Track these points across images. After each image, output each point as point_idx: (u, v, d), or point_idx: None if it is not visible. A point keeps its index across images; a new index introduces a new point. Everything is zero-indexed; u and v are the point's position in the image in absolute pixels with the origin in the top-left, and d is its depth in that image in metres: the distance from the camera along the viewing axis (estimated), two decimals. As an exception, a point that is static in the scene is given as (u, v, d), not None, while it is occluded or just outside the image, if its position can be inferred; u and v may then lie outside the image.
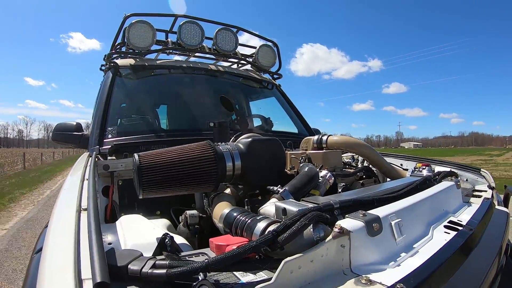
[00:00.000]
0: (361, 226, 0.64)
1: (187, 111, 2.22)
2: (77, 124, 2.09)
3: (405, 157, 1.95)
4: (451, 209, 1.06)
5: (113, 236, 0.78)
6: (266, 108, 2.64)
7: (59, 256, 0.54)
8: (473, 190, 1.44)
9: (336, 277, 0.59)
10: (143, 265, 0.55)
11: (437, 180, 1.17)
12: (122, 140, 1.70)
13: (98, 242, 0.53)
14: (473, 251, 0.83)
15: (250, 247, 0.56)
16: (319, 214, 0.63)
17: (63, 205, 0.83)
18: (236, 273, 0.60)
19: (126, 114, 2.10)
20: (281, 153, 1.29)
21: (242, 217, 0.82)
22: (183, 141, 1.25)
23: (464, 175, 1.57)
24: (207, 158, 1.03)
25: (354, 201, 0.77)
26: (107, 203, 1.34)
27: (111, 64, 2.11)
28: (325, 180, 1.21)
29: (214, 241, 0.73)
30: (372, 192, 0.99)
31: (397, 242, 0.71)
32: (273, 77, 2.78)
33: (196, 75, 2.38)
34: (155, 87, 2.32)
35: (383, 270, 0.62)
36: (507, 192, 1.48)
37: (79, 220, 0.66)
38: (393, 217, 0.73)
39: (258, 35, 2.72)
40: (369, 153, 1.60)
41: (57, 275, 0.48)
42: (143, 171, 0.95)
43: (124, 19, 2.14)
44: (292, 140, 1.96)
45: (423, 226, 0.86)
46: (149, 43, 2.16)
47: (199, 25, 2.31)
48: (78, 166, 1.25)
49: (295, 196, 1.02)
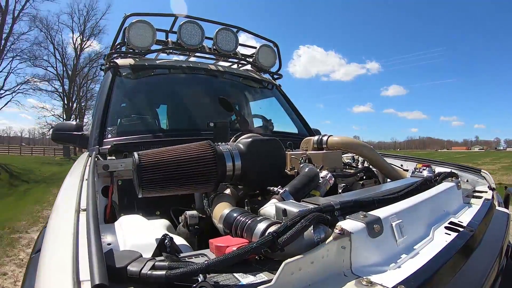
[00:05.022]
0: (361, 227, 0.63)
1: (187, 111, 2.22)
2: (77, 123, 2.09)
3: (405, 157, 1.95)
4: (452, 210, 1.06)
5: (112, 237, 0.77)
6: (266, 108, 2.64)
7: (57, 257, 0.53)
8: (473, 191, 1.44)
9: (336, 278, 0.58)
10: (143, 266, 0.54)
11: (437, 181, 1.16)
12: (122, 140, 1.69)
13: (97, 243, 0.53)
14: (474, 252, 0.83)
15: (251, 248, 0.55)
16: (319, 215, 0.63)
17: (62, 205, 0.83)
18: (236, 275, 0.59)
19: (126, 114, 2.09)
20: (281, 154, 1.28)
21: (242, 218, 0.82)
22: (183, 141, 1.25)
23: (465, 176, 1.56)
24: (207, 158, 1.03)
25: (354, 202, 0.77)
26: (107, 203, 1.34)
27: (111, 64, 2.11)
28: (326, 180, 1.20)
29: (214, 242, 0.73)
30: (373, 193, 0.99)
31: (397, 243, 0.70)
32: (273, 77, 2.77)
33: (196, 75, 2.37)
34: (155, 87, 2.32)
35: (384, 271, 0.61)
36: (508, 193, 1.48)
37: (78, 221, 0.66)
38: (394, 218, 0.72)
39: (258, 35, 2.72)
40: (370, 153, 1.59)
41: (55, 276, 0.48)
42: (143, 169, 0.95)
43: (124, 18, 2.14)
44: (292, 140, 1.96)
45: (424, 227, 0.85)
46: (149, 43, 2.15)
47: (199, 25, 2.31)
48: (78, 166, 1.25)
49: (296, 196, 1.02)
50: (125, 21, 2.15)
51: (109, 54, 2.21)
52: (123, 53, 2.29)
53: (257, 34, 2.70)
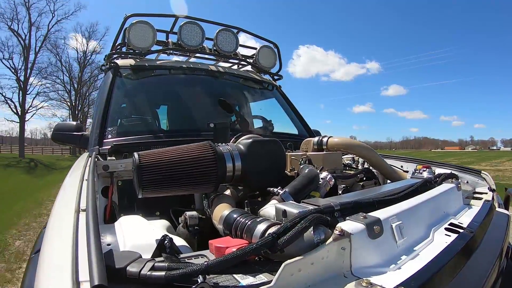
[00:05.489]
0: (362, 229, 0.63)
1: (187, 111, 2.22)
2: (77, 124, 2.09)
3: (405, 159, 1.95)
4: (452, 212, 1.06)
5: (112, 237, 0.77)
6: (267, 109, 2.64)
7: (57, 257, 0.53)
8: (473, 192, 1.44)
9: (336, 280, 0.58)
10: (142, 267, 0.54)
11: (437, 182, 1.17)
12: (122, 140, 1.69)
13: (96, 243, 0.53)
14: (474, 253, 0.83)
15: (250, 249, 0.55)
16: (319, 216, 0.63)
17: (62, 205, 0.83)
18: (236, 276, 0.59)
19: (126, 114, 2.09)
20: (282, 155, 1.28)
21: (242, 219, 0.82)
22: (183, 141, 1.25)
23: (465, 177, 1.56)
24: (207, 158, 1.03)
25: (354, 203, 0.77)
26: (107, 203, 1.34)
27: (111, 64, 2.11)
28: (326, 181, 1.20)
29: (213, 243, 0.73)
30: (373, 194, 0.99)
31: (398, 245, 0.70)
32: (273, 78, 2.77)
33: (197, 75, 2.37)
34: (155, 88, 2.32)
35: (384, 273, 0.61)
36: (508, 194, 1.48)
37: (77, 221, 0.65)
38: (394, 220, 0.72)
39: (258, 36, 2.72)
40: (370, 154, 1.59)
41: (54, 276, 0.48)
42: (143, 170, 0.95)
43: (124, 19, 2.14)
44: (293, 141, 1.96)
45: (424, 228, 0.85)
46: (149, 44, 2.15)
47: (199, 26, 2.31)
48: (78, 166, 1.25)
49: (295, 197, 1.02)
50: (126, 21, 2.15)
51: (110, 55, 2.21)
52: (123, 54, 2.29)
53: (258, 35, 2.70)
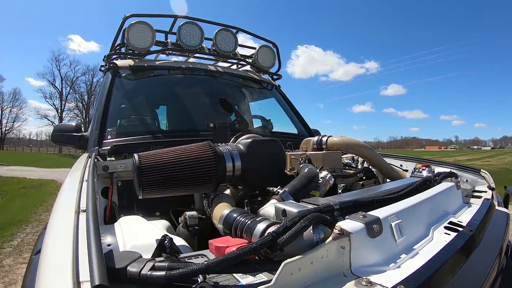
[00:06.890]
0: (361, 228, 0.63)
1: (186, 112, 2.22)
2: (77, 124, 2.08)
3: (405, 158, 1.95)
4: (451, 210, 1.06)
5: (112, 238, 0.77)
6: (266, 109, 2.64)
7: (57, 258, 0.53)
8: (473, 191, 1.44)
9: (336, 279, 0.58)
10: (142, 267, 0.54)
11: (437, 181, 1.17)
12: (122, 141, 1.69)
13: (96, 243, 0.53)
14: (474, 252, 0.83)
15: (250, 249, 0.55)
16: (319, 215, 0.63)
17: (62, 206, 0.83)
18: (236, 275, 0.59)
19: (126, 115, 2.09)
20: (281, 154, 1.28)
21: (242, 218, 0.82)
22: (182, 142, 1.25)
23: (464, 175, 1.56)
24: (207, 158, 1.03)
25: (354, 202, 0.77)
26: (107, 204, 1.34)
27: (110, 65, 2.11)
28: (325, 181, 1.20)
29: (213, 242, 0.73)
30: (372, 193, 0.99)
31: (397, 244, 0.70)
32: (272, 77, 2.77)
33: (196, 76, 2.37)
34: (154, 88, 2.32)
35: (384, 271, 0.61)
36: (507, 193, 1.48)
37: (78, 222, 0.65)
38: (393, 218, 0.72)
39: (257, 36, 2.72)
40: (369, 154, 1.60)
41: (55, 277, 0.48)
42: (143, 171, 0.95)
43: (123, 20, 2.14)
44: (292, 141, 1.96)
45: (424, 227, 0.85)
46: (148, 44, 2.15)
47: (198, 26, 2.31)
48: (77, 167, 1.25)
49: (295, 197, 1.02)
50: (125, 22, 2.15)
51: (109, 55, 2.21)
52: (122, 54, 2.29)
53: (256, 34, 2.70)
